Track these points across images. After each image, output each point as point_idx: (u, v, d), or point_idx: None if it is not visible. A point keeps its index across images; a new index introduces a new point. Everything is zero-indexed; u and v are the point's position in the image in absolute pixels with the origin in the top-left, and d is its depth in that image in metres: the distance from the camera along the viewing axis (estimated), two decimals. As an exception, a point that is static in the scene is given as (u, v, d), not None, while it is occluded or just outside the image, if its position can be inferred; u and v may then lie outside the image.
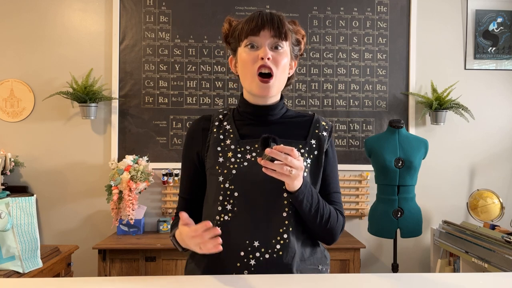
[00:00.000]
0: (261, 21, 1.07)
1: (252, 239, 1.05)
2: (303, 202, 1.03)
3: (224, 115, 1.18)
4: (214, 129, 1.15)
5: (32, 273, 1.93)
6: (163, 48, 3.01)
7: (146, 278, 1.05)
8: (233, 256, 1.06)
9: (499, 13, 3.15)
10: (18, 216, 1.91)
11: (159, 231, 2.90)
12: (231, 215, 1.07)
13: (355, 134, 3.08)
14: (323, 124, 1.17)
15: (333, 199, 1.15)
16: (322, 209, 1.07)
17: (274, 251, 1.05)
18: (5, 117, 2.97)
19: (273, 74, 1.07)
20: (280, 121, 1.16)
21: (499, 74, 3.16)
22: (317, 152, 1.13)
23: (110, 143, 2.98)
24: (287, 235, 1.06)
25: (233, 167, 1.08)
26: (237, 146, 1.11)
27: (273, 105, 1.15)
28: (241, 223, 1.06)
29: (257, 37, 1.07)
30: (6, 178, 2.87)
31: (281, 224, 1.06)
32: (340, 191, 1.19)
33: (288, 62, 1.12)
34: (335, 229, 1.11)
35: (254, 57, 1.07)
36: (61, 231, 2.98)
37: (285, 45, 1.10)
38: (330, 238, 1.13)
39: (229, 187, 1.07)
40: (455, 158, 3.13)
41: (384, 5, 3.10)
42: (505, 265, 2.25)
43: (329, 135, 1.17)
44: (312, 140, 1.14)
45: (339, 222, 1.12)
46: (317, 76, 3.07)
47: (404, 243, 3.04)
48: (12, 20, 2.97)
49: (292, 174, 0.94)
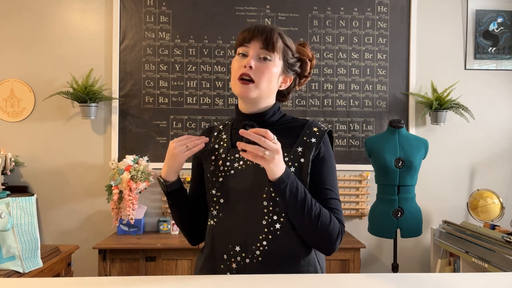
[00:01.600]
0: (252, 33, 1.11)
1: (233, 243, 1.10)
2: (286, 193, 1.01)
3: (225, 125, 1.24)
4: (212, 139, 1.22)
5: (32, 273, 1.93)
6: (163, 48, 3.01)
7: (146, 278, 1.05)
8: (219, 258, 1.12)
9: (499, 13, 3.15)
10: (18, 216, 1.91)
11: (159, 231, 2.90)
12: (216, 220, 1.14)
13: (355, 134, 3.08)
14: (314, 130, 1.14)
15: (329, 205, 1.09)
16: (309, 205, 1.03)
17: (254, 256, 1.08)
18: (6, 117, 2.97)
19: (254, 81, 1.10)
20: (270, 129, 1.13)
21: (499, 74, 3.16)
22: (303, 159, 1.10)
23: (110, 143, 2.98)
24: (267, 242, 1.07)
25: (220, 175, 1.14)
26: (227, 154, 1.16)
27: (262, 112, 1.16)
28: (225, 228, 1.12)
29: (247, 47, 1.12)
30: (7, 178, 2.87)
31: (260, 231, 1.08)
32: (339, 198, 1.14)
33: (276, 74, 1.13)
34: (329, 232, 1.05)
35: (240, 64, 1.11)
36: (61, 231, 2.98)
37: (275, 57, 1.12)
38: (326, 244, 1.07)
39: (216, 193, 1.14)
40: (455, 158, 3.13)
41: (384, 5, 3.10)
42: (505, 265, 2.25)
43: (319, 141, 1.12)
44: (299, 147, 1.12)
45: (333, 224, 1.05)
46: (317, 76, 3.07)
47: (404, 243, 3.04)
48: (12, 20, 2.97)
49: (266, 155, 0.96)
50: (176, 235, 2.83)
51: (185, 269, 2.58)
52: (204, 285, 0.99)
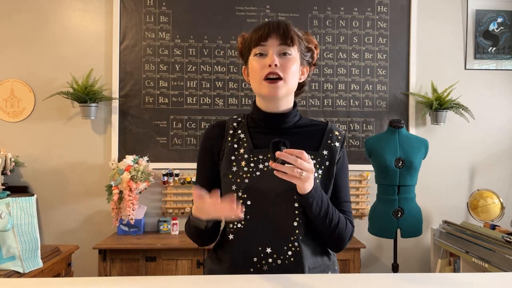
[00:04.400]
0: (268, 30, 1.10)
1: (264, 245, 1.09)
2: (312, 206, 1.05)
3: (239, 123, 1.20)
4: (228, 138, 1.18)
5: (33, 273, 1.93)
6: (163, 48, 3.01)
7: (146, 278, 1.05)
8: (247, 262, 1.10)
9: (499, 13, 3.15)
10: (19, 216, 1.91)
11: (159, 231, 2.90)
12: (244, 222, 1.11)
13: (355, 134, 3.08)
14: (336, 134, 1.18)
15: (343, 208, 1.16)
16: (331, 215, 1.09)
17: (285, 257, 1.08)
18: (6, 117, 2.97)
19: (282, 77, 1.09)
20: (292, 131, 1.17)
21: (499, 74, 3.16)
22: (329, 163, 1.14)
23: (110, 143, 2.98)
24: (298, 243, 1.09)
25: (245, 176, 1.11)
26: (250, 155, 1.13)
27: (285, 113, 1.16)
28: (254, 230, 1.10)
29: (265, 46, 1.10)
30: (7, 178, 2.87)
31: (292, 232, 1.09)
32: (350, 200, 1.20)
33: (297, 68, 1.13)
34: (343, 236, 1.12)
35: (263, 64, 1.09)
36: (61, 231, 2.98)
37: (293, 51, 1.11)
38: (338, 245, 1.15)
39: (242, 195, 1.10)
40: (455, 158, 3.13)
41: (384, 5, 3.09)
42: (505, 265, 2.25)
43: (341, 145, 1.17)
44: (324, 151, 1.15)
45: (347, 229, 1.13)
46: (317, 76, 3.07)
47: (404, 243, 3.04)
48: (12, 20, 2.97)
49: (302, 176, 0.97)
50: (176, 235, 2.83)
51: (185, 269, 2.58)
52: (204, 285, 0.99)
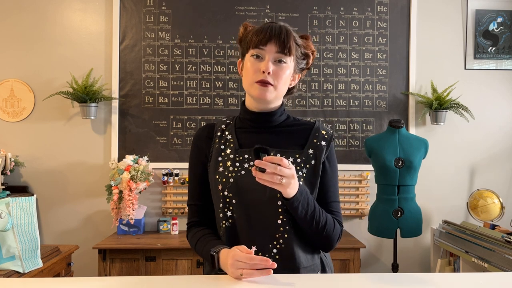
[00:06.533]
0: (269, 34, 1.10)
1: (250, 243, 1.09)
2: (298, 209, 1.06)
3: (227, 125, 1.22)
4: (216, 139, 1.20)
5: (32, 273, 1.93)
6: (163, 48, 3.01)
7: (146, 278, 1.05)
8: None
9: (499, 13, 3.15)
10: (18, 216, 1.91)
11: (159, 231, 2.90)
12: (231, 221, 1.13)
13: (355, 134, 3.08)
14: (323, 133, 1.19)
15: (331, 208, 1.17)
16: (318, 217, 1.10)
17: (271, 255, 1.09)
18: (5, 117, 2.97)
19: (273, 84, 1.11)
20: (279, 130, 1.18)
21: (499, 74, 3.16)
22: (314, 161, 1.15)
23: (110, 143, 2.98)
24: (283, 241, 1.10)
25: (231, 176, 1.13)
26: (236, 155, 1.15)
27: (272, 112, 1.18)
28: (240, 229, 1.12)
29: (262, 50, 1.11)
30: (6, 178, 2.87)
31: (277, 230, 1.10)
32: (339, 200, 1.20)
33: (289, 75, 1.15)
34: (332, 237, 1.13)
35: (257, 68, 1.10)
36: (61, 231, 2.98)
37: (289, 60, 1.13)
38: (326, 246, 1.16)
39: (228, 194, 1.13)
40: (455, 158, 3.13)
41: (384, 5, 3.09)
42: (505, 265, 2.25)
43: (328, 144, 1.18)
44: (310, 149, 1.15)
45: (335, 230, 1.14)
46: (317, 76, 3.07)
47: (404, 243, 3.04)
48: (12, 19, 2.97)
49: (283, 182, 0.98)
50: (176, 235, 2.83)
51: (185, 269, 2.58)
52: (204, 285, 0.99)
